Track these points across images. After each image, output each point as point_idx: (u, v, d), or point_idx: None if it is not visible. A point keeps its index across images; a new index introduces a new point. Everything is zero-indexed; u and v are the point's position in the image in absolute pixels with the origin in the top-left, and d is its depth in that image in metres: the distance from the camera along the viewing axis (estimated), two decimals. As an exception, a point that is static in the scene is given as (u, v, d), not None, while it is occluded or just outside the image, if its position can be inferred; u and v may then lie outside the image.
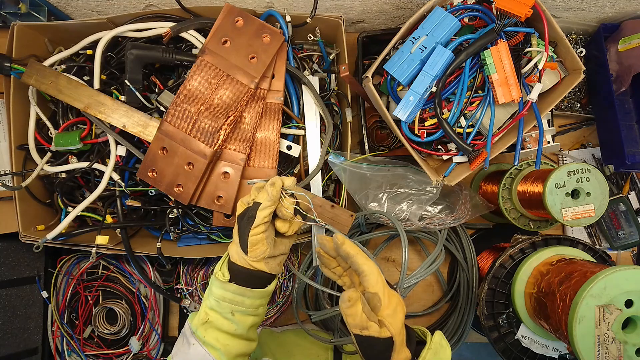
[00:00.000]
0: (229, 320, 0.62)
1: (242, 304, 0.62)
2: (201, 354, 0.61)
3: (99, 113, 0.81)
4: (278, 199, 0.61)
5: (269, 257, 0.62)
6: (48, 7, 0.92)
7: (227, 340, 0.61)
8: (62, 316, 0.99)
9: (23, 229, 0.84)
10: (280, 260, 0.65)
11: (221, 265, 0.64)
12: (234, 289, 0.61)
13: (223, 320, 0.62)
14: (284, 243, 0.66)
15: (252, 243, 0.60)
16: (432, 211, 0.92)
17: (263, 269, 0.62)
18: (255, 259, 0.61)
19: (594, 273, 0.65)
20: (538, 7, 0.75)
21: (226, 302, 0.61)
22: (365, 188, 0.90)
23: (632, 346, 0.62)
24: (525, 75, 0.79)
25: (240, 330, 0.62)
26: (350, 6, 0.97)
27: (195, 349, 0.61)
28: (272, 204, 0.60)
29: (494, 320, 0.81)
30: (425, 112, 0.81)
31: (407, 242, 0.77)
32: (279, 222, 0.64)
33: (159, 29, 0.85)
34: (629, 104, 1.03)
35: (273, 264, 0.63)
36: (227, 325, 0.62)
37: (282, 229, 0.64)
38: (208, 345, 0.61)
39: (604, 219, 1.06)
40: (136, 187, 0.88)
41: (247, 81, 0.82)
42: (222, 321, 0.62)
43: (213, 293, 0.62)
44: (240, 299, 0.62)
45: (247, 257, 0.61)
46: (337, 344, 0.87)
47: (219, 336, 0.61)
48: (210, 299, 0.63)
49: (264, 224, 0.60)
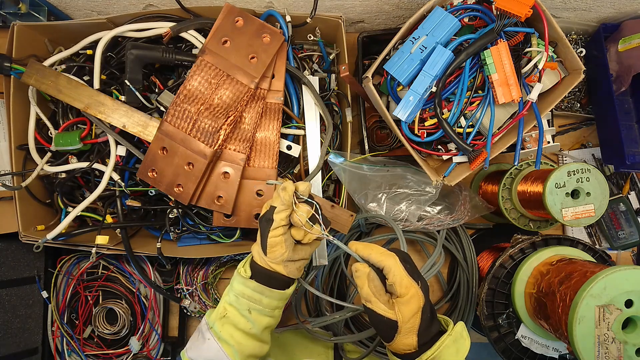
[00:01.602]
0: (245, 317, 0.63)
1: (259, 302, 0.63)
2: (215, 349, 0.62)
3: (99, 113, 0.81)
4: (292, 204, 0.61)
5: (288, 261, 0.63)
6: (48, 7, 0.92)
7: (241, 339, 0.63)
8: (62, 316, 0.99)
9: (23, 229, 0.84)
10: (299, 265, 0.66)
11: (244, 263, 0.66)
12: (254, 286, 0.63)
13: (240, 317, 0.63)
14: (304, 249, 0.66)
15: (270, 245, 0.61)
16: (431, 212, 0.92)
17: (282, 271, 0.63)
18: (274, 260, 0.62)
19: (594, 273, 0.65)
20: (538, 7, 0.75)
21: (245, 298, 0.63)
22: (365, 188, 0.90)
23: (632, 346, 0.62)
24: (525, 75, 0.79)
25: (255, 329, 0.64)
26: (350, 6, 0.97)
27: (210, 344, 0.62)
28: (287, 208, 0.61)
29: (494, 320, 0.81)
30: (425, 112, 0.81)
31: (405, 245, 0.77)
32: (293, 229, 0.64)
33: (159, 29, 0.85)
34: (629, 104, 1.03)
35: (292, 268, 0.64)
36: (243, 322, 0.63)
37: (297, 237, 0.64)
38: (222, 341, 0.62)
39: (604, 219, 1.06)
40: (136, 187, 0.88)
41: (247, 81, 0.82)
42: (239, 318, 0.63)
43: (234, 288, 0.64)
44: (259, 297, 0.63)
45: (267, 258, 0.62)
46: (337, 342, 0.87)
47: (234, 333, 0.63)
48: (231, 294, 0.64)
49: (281, 227, 0.61)
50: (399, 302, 0.56)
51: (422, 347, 0.57)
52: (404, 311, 0.56)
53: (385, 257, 0.58)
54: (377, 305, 0.57)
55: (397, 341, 0.57)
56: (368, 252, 0.59)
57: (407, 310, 0.56)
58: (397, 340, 0.57)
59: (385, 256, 0.58)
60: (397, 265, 0.57)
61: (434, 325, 0.59)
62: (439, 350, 0.56)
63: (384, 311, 0.56)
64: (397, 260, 0.57)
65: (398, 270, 0.57)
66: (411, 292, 0.56)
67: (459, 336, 0.59)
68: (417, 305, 0.56)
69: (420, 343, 0.57)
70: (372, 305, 0.57)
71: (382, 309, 0.56)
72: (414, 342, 0.57)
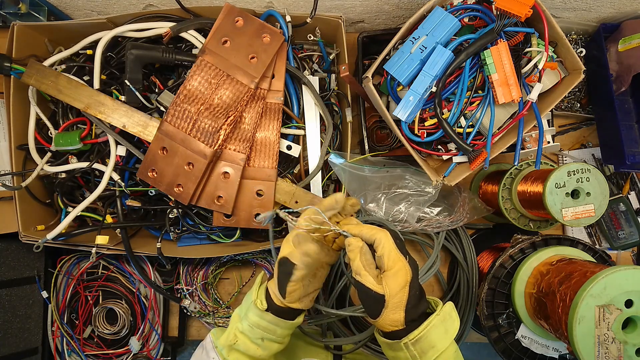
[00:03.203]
0: (257, 345, 0.64)
1: (274, 332, 0.64)
2: None
3: (99, 113, 0.81)
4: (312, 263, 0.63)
5: (303, 296, 0.65)
6: (48, 7, 0.92)
7: None
8: (62, 316, 0.99)
9: (23, 229, 0.84)
10: (312, 296, 0.67)
11: (257, 292, 0.66)
12: (270, 319, 0.63)
13: (251, 345, 0.64)
14: (318, 278, 0.67)
15: (289, 292, 0.62)
16: (430, 213, 0.92)
17: (298, 307, 0.64)
18: (291, 302, 0.63)
19: (594, 273, 0.65)
20: (538, 7, 0.75)
21: (260, 329, 0.63)
22: (364, 189, 0.90)
23: (632, 346, 0.62)
24: (525, 75, 0.79)
25: (264, 355, 0.65)
26: (350, 6, 0.97)
27: None
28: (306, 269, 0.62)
29: (494, 320, 0.81)
30: (425, 112, 0.81)
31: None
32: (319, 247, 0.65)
33: (159, 29, 0.85)
34: (629, 104, 1.03)
35: (306, 301, 0.66)
36: (253, 349, 0.64)
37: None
38: None
39: (604, 219, 1.05)
40: (136, 187, 0.88)
41: (247, 81, 0.82)
42: (249, 345, 0.64)
43: (249, 318, 0.64)
44: (273, 328, 0.64)
45: (284, 300, 0.63)
46: (327, 343, 0.87)
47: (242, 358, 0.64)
48: (244, 323, 0.64)
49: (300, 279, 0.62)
50: (387, 276, 0.57)
51: (410, 325, 0.57)
52: (391, 284, 0.56)
53: (376, 231, 0.60)
54: (366, 278, 0.57)
55: (384, 316, 0.57)
56: (359, 228, 0.61)
57: (394, 283, 0.56)
58: (384, 315, 0.57)
59: (376, 230, 0.60)
60: (388, 239, 0.58)
61: (422, 303, 0.59)
62: (426, 330, 0.57)
63: (372, 284, 0.57)
64: (387, 235, 0.59)
65: (388, 243, 0.58)
66: (398, 265, 0.57)
67: (447, 316, 0.59)
68: (404, 280, 0.57)
69: (407, 320, 0.57)
70: (361, 278, 0.58)
71: (370, 282, 0.57)
72: (401, 317, 0.57)
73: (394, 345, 0.59)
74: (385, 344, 0.61)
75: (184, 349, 1.08)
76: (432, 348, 0.57)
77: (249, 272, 1.07)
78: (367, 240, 0.60)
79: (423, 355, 0.57)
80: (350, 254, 0.59)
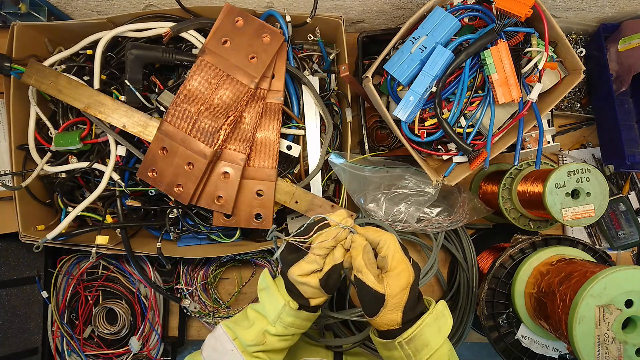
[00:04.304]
0: (288, 340, 0.65)
1: (305, 327, 0.66)
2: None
3: (99, 113, 0.81)
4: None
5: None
6: (48, 7, 0.92)
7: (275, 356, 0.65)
8: (62, 316, 0.99)
9: (23, 229, 0.84)
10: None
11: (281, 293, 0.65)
12: (305, 316, 0.65)
13: (280, 342, 0.64)
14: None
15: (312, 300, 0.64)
16: (430, 213, 0.92)
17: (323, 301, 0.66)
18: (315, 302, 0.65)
19: (594, 273, 0.65)
20: (538, 7, 0.75)
21: (294, 327, 0.64)
22: (364, 189, 0.90)
23: (632, 346, 0.62)
24: (525, 75, 0.79)
25: (288, 345, 0.67)
26: (350, 6, 0.97)
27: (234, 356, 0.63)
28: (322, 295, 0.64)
29: (494, 320, 0.81)
30: (425, 112, 0.81)
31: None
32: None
33: (159, 29, 0.85)
34: (629, 104, 1.03)
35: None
36: (282, 344, 0.65)
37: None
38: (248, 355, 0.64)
39: (604, 219, 1.06)
40: (136, 187, 0.88)
41: (247, 81, 0.82)
42: (278, 343, 0.64)
43: (284, 321, 0.63)
44: (307, 323, 0.66)
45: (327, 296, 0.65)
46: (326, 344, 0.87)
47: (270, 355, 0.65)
48: (278, 326, 0.63)
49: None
50: (389, 276, 0.58)
51: (405, 325, 0.58)
52: (392, 285, 0.57)
53: (382, 233, 0.61)
54: (367, 276, 0.58)
55: (382, 316, 0.58)
56: (365, 229, 0.63)
57: (396, 284, 0.57)
58: (381, 314, 0.58)
59: (381, 232, 0.61)
60: (394, 240, 0.60)
61: (420, 305, 0.60)
62: (419, 329, 0.58)
63: (372, 283, 0.57)
64: (393, 237, 0.60)
65: (393, 244, 0.59)
66: (402, 266, 0.58)
67: (440, 314, 0.60)
68: (407, 281, 0.58)
69: (404, 320, 0.58)
70: (362, 276, 0.58)
71: (371, 280, 0.58)
72: (398, 318, 0.58)
73: (389, 345, 0.59)
74: (380, 344, 0.62)
75: (184, 349, 1.08)
76: (425, 346, 0.58)
77: (249, 272, 1.07)
78: (371, 241, 0.61)
79: (417, 354, 0.58)
80: (354, 251, 0.60)
